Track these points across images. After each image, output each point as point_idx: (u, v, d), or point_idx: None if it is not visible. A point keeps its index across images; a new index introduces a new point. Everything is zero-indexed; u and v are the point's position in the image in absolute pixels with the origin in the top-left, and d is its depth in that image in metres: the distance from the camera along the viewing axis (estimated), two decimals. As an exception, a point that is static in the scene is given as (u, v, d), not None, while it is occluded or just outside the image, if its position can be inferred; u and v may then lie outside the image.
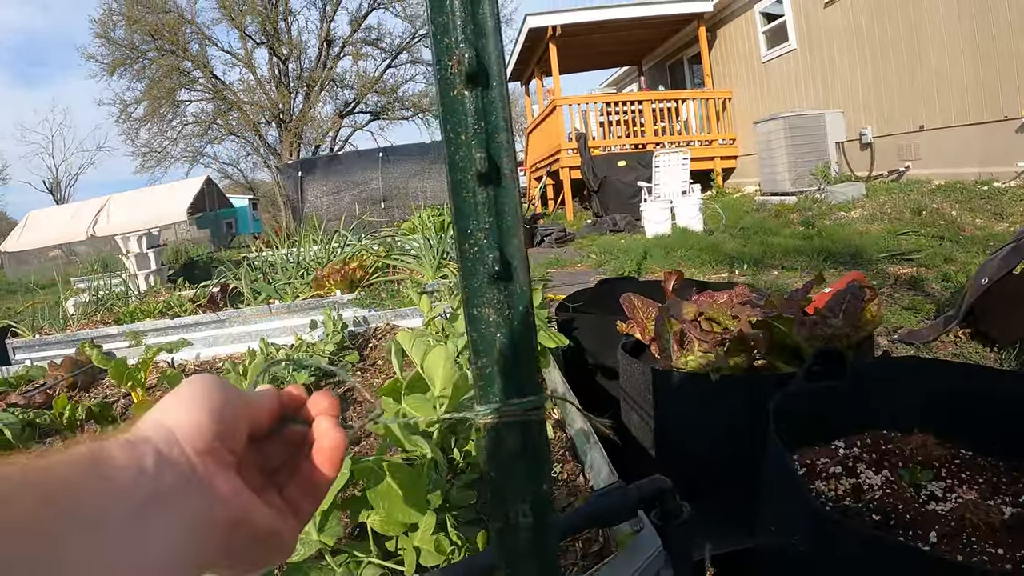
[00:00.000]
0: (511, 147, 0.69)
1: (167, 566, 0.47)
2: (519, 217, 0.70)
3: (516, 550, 0.76)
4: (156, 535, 0.46)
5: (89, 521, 0.42)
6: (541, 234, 12.67)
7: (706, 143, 16.75)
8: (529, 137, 22.45)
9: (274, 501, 0.61)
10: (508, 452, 0.72)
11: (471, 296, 0.69)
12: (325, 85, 35.78)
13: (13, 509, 0.39)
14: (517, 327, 0.69)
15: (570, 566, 1.41)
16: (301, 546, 1.30)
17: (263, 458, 0.64)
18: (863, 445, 1.72)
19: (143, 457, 0.49)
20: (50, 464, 0.44)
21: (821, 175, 12.44)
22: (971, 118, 10.22)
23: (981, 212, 8.11)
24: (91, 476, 0.45)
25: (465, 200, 0.67)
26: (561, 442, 2.01)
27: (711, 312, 2.14)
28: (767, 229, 9.66)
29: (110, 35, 32.82)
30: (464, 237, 0.68)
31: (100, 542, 0.43)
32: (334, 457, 0.66)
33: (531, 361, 0.71)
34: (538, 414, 0.72)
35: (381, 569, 1.38)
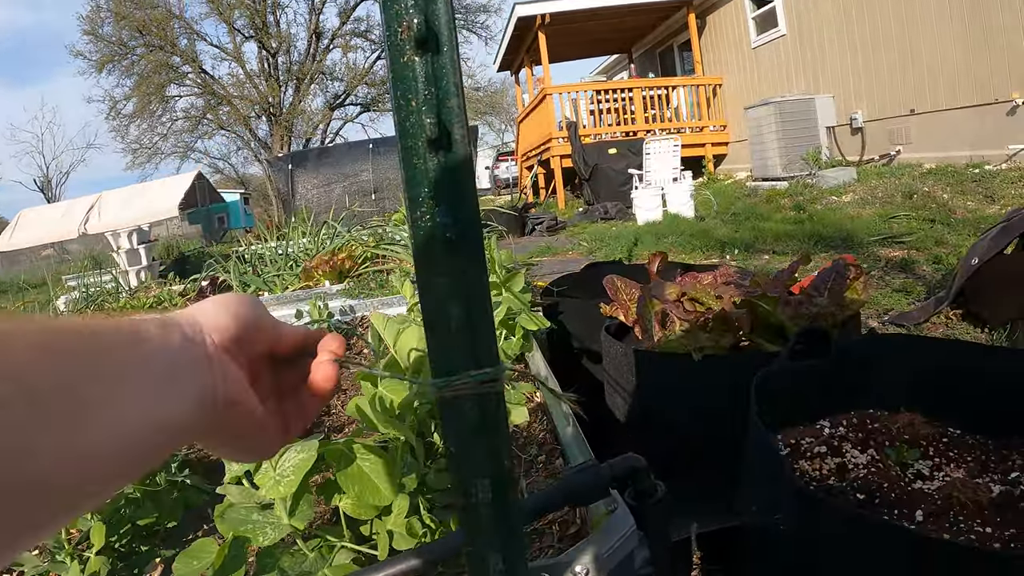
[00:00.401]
0: (463, 113, 0.66)
1: (168, 426, 0.54)
2: (473, 184, 0.67)
3: (479, 528, 0.74)
4: (166, 398, 0.54)
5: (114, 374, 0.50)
6: (532, 223, 12.65)
7: (697, 130, 16.72)
8: (520, 127, 22.40)
9: (271, 407, 0.70)
10: (465, 427, 0.70)
11: (423, 265, 0.66)
12: (315, 78, 35.72)
13: (62, 343, 0.47)
14: (471, 296, 0.67)
15: (546, 548, 1.39)
16: (272, 530, 1.28)
17: (275, 378, 0.74)
18: (849, 424, 1.69)
19: (171, 335, 0.58)
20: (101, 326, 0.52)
21: (812, 160, 12.42)
22: (962, 101, 10.21)
23: (972, 195, 8.11)
24: (127, 343, 0.52)
25: (416, 167, 0.64)
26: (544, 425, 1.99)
27: (694, 292, 2.12)
28: (758, 214, 9.66)
29: (98, 32, 32.67)
30: (415, 205, 0.65)
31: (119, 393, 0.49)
32: (324, 386, 0.75)
33: (488, 332, 0.68)
34: (495, 387, 0.69)
35: (354, 553, 1.35)
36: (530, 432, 2.01)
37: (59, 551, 1.67)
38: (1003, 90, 9.40)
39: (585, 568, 0.94)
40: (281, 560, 1.30)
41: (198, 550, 1.38)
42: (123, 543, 1.83)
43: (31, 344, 0.45)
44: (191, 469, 2.15)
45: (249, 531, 1.28)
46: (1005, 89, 9.36)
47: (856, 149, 12.57)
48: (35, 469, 0.42)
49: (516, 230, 12.00)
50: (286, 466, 1.25)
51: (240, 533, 1.28)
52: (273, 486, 1.24)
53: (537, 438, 1.94)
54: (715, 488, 1.72)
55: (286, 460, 1.26)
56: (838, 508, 1.29)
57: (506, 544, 0.75)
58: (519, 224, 12.32)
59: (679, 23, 18.51)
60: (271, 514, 1.31)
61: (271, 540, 1.27)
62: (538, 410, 2.10)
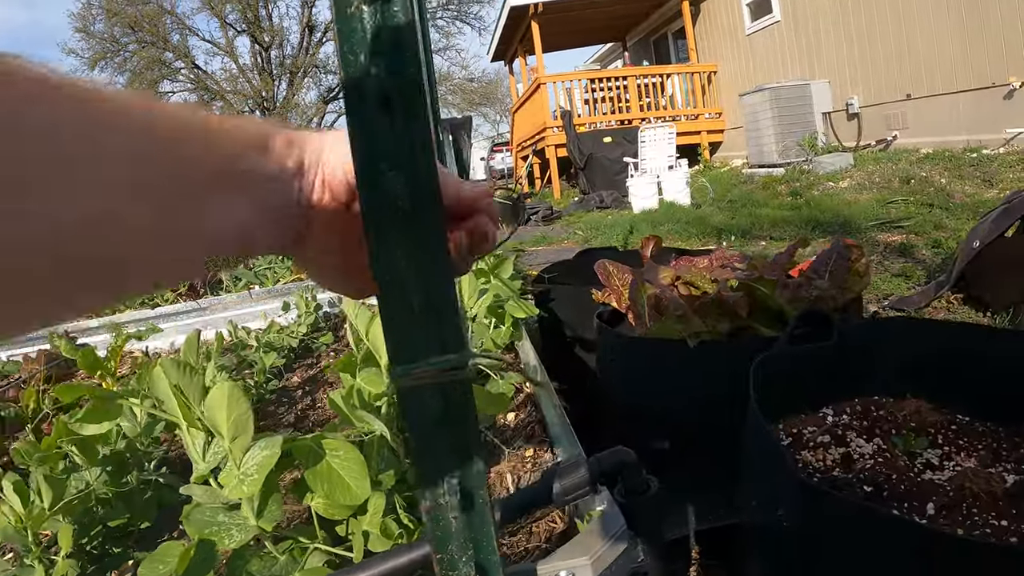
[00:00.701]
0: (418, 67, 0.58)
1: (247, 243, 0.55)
2: (432, 150, 0.59)
3: (447, 533, 0.66)
4: (258, 213, 0.55)
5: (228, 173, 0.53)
6: (528, 213, 12.62)
7: (692, 117, 16.66)
8: (514, 117, 22.36)
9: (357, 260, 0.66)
10: (428, 419, 0.62)
11: (377, 237, 0.58)
12: (308, 71, 35.73)
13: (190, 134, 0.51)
14: (432, 273, 0.59)
15: (533, 550, 1.32)
16: (238, 532, 1.20)
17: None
18: (853, 412, 1.62)
19: (287, 159, 0.59)
20: (236, 127, 0.55)
21: (808, 146, 12.36)
22: (958, 86, 10.14)
23: (970, 179, 8.05)
24: (249, 152, 0.55)
25: (364, 130, 0.56)
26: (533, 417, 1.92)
27: (689, 276, 2.04)
28: (755, 201, 9.62)
29: (90, 29, 32.58)
30: (366, 168, 0.57)
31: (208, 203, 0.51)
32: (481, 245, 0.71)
33: (452, 314, 0.60)
34: (460, 374, 0.61)
35: (328, 555, 1.28)
36: (518, 424, 1.94)
37: (27, 554, 1.61)
38: (1000, 74, 9.33)
39: (571, 572, 0.86)
40: (250, 564, 1.22)
41: (163, 553, 1.30)
42: (94, 545, 1.76)
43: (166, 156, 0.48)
44: (169, 467, 2.08)
45: (215, 533, 1.20)
46: (1002, 73, 9.28)
47: (853, 135, 12.50)
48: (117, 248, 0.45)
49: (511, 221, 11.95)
50: (249, 464, 1.18)
51: (205, 535, 1.20)
52: (237, 485, 1.16)
53: (525, 430, 1.86)
54: (713, 479, 1.66)
55: (249, 458, 1.19)
56: (844, 501, 1.22)
57: (479, 547, 0.68)
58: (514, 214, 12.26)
59: (673, 10, 18.39)
60: (238, 515, 1.23)
61: (238, 542, 1.19)
62: (527, 402, 2.03)
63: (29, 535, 1.61)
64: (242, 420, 1.19)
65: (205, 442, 1.39)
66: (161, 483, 1.88)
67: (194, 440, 1.40)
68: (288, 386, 3.07)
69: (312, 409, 2.70)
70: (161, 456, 2.14)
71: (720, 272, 2.06)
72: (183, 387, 1.38)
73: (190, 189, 0.50)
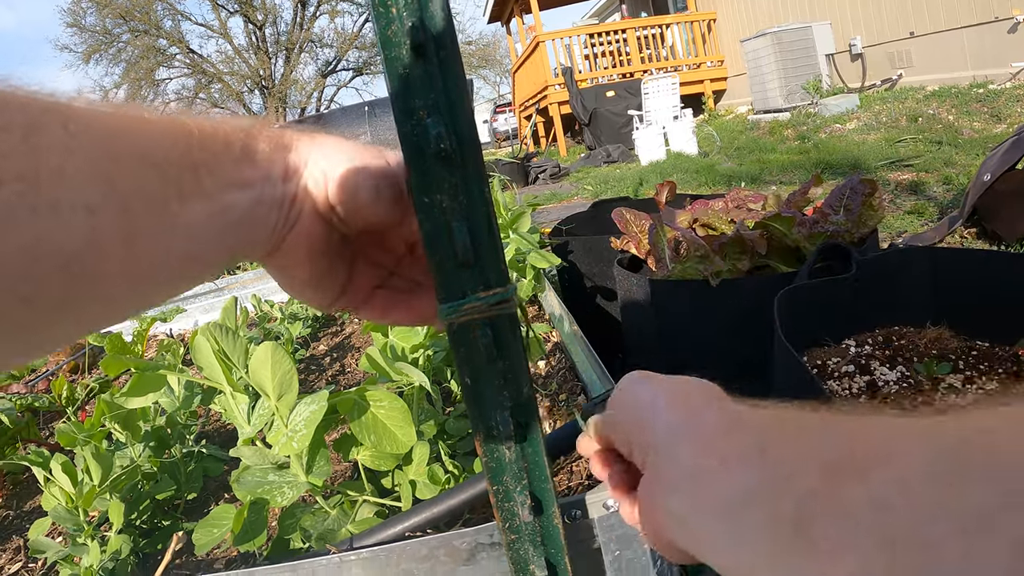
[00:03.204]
0: (448, 16, 0.60)
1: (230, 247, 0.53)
2: (466, 93, 0.61)
3: (502, 463, 0.70)
4: (232, 230, 0.53)
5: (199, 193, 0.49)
6: (535, 172, 12.57)
7: (694, 67, 16.50)
8: (515, 77, 22.20)
9: (342, 273, 0.66)
10: (479, 353, 0.65)
11: (419, 183, 0.61)
12: (304, 47, 35.43)
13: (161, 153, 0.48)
14: (474, 212, 0.62)
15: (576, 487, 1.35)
16: (289, 489, 1.24)
17: (377, 253, 0.69)
18: (875, 341, 1.65)
19: (273, 165, 0.56)
20: (208, 137, 0.52)
21: (813, 89, 12.25)
22: (962, 21, 10.01)
23: (978, 115, 7.99)
24: (230, 158, 0.53)
25: (402, 77, 0.59)
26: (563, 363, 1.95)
27: (706, 218, 2.06)
28: (762, 147, 9.58)
29: (81, 23, 32.30)
30: (406, 118, 0.60)
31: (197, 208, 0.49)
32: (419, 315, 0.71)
33: (495, 250, 0.63)
34: (507, 308, 0.64)
35: (377, 507, 1.32)
36: (549, 371, 1.97)
37: (79, 534, 1.65)
38: (1003, 7, 9.20)
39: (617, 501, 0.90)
40: (302, 520, 1.26)
41: (216, 517, 1.35)
42: (143, 519, 1.80)
43: (134, 151, 0.46)
44: (208, 440, 2.13)
45: (266, 492, 1.24)
46: (1005, 6, 9.16)
47: (857, 75, 12.38)
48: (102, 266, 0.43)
49: (519, 180, 11.94)
50: (297, 420, 1.21)
51: (257, 495, 1.24)
52: (286, 443, 1.20)
53: (557, 376, 1.90)
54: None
55: (297, 415, 1.22)
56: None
57: (532, 477, 0.71)
58: (522, 174, 12.25)
59: (669, -41, 18.23)
60: (288, 473, 1.27)
61: (289, 500, 1.23)
62: (555, 350, 2.06)
63: (80, 514, 1.64)
64: (287, 378, 1.23)
65: (249, 406, 1.43)
66: (205, 454, 1.92)
67: (238, 404, 1.43)
68: (315, 355, 3.11)
69: (342, 375, 2.73)
70: (199, 432, 2.19)
71: (736, 213, 2.07)
72: (226, 350, 1.42)
73: (163, 203, 0.47)
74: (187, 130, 0.51)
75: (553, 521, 0.73)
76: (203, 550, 1.32)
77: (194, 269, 0.52)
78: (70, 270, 0.41)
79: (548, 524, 0.73)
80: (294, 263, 0.61)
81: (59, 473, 1.63)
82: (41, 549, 1.67)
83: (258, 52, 34.77)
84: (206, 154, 0.51)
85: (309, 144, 0.60)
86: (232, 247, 0.54)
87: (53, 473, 1.65)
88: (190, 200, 0.49)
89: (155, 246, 0.47)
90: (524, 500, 0.71)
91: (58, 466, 1.63)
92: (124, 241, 0.44)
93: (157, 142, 0.48)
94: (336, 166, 0.59)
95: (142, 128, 0.48)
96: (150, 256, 0.47)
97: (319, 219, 0.60)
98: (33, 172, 0.39)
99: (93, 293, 0.44)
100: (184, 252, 0.49)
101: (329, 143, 0.61)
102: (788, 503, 0.39)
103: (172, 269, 0.50)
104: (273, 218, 0.57)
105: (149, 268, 0.47)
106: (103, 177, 0.43)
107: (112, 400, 1.72)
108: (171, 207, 0.47)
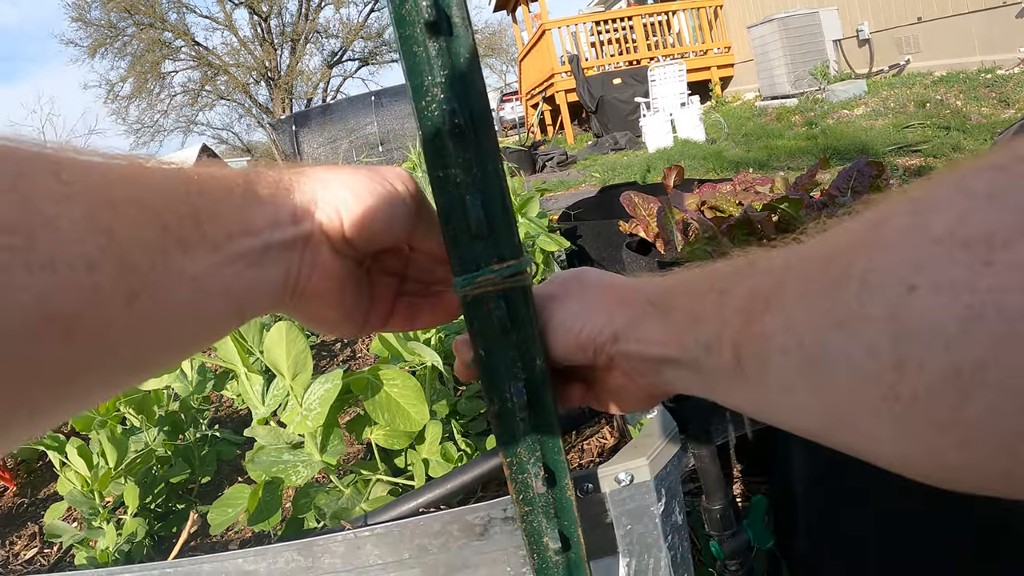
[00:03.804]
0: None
1: (241, 302, 0.52)
2: (479, 70, 0.62)
3: (515, 435, 0.71)
4: (244, 278, 0.51)
5: (202, 244, 0.47)
6: (543, 160, 12.59)
7: (701, 53, 16.48)
8: (521, 65, 22.19)
9: (364, 302, 0.67)
10: (492, 325, 0.66)
11: (434, 158, 0.62)
12: (309, 37, 35.40)
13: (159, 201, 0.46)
14: (488, 186, 0.63)
15: (587, 464, 1.37)
16: (304, 468, 1.25)
17: (395, 275, 0.72)
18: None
19: (279, 209, 0.55)
20: (209, 185, 0.50)
21: (820, 75, 12.22)
22: (970, 6, 9.96)
23: (986, 100, 7.97)
24: (232, 204, 0.51)
25: (416, 55, 0.60)
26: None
27: (715, 201, 2.06)
28: (770, 133, 9.57)
29: (86, 17, 32.30)
30: (420, 95, 0.61)
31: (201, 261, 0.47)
32: (441, 317, 0.74)
33: (508, 224, 0.64)
34: (520, 280, 0.65)
35: (390, 486, 1.33)
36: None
37: (95, 517, 1.66)
38: (1010, -9, 9.18)
39: (629, 475, 0.91)
40: (316, 499, 1.28)
41: (231, 497, 1.36)
42: (158, 503, 1.82)
43: (132, 198, 0.43)
44: (221, 425, 2.14)
45: (281, 471, 1.25)
46: (1012, -11, 9.14)
47: (865, 61, 12.34)
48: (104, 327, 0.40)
49: (527, 168, 11.94)
50: (312, 399, 1.23)
51: (272, 474, 1.25)
52: (300, 422, 1.21)
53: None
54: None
55: (311, 394, 1.24)
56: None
57: (545, 448, 0.72)
58: (529, 162, 12.26)
59: (675, -55, 18.15)
60: (302, 452, 1.28)
61: (304, 478, 1.24)
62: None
63: (96, 497, 1.66)
64: (301, 357, 1.24)
65: (263, 386, 1.44)
66: (218, 438, 1.94)
67: (252, 385, 1.45)
68: (326, 340, 3.12)
69: (353, 360, 2.74)
70: (211, 417, 2.20)
71: (744, 195, 2.08)
72: (241, 330, 1.43)
73: (164, 254, 0.44)
74: (185, 177, 0.49)
75: (566, 493, 0.74)
76: (218, 530, 1.34)
77: (202, 327, 0.50)
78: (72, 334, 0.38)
79: (561, 496, 0.74)
80: (325, 305, 0.61)
81: (74, 457, 1.64)
82: (57, 533, 1.69)
83: (263, 43, 34.75)
84: (206, 200, 0.49)
85: (312, 183, 0.59)
86: (242, 298, 0.52)
87: (68, 457, 1.66)
88: (193, 250, 0.46)
89: (159, 303, 0.44)
90: (537, 472, 0.72)
91: (73, 450, 1.65)
92: (127, 300, 0.41)
93: (154, 189, 0.46)
94: (346, 201, 0.59)
95: (138, 175, 0.46)
96: (155, 315, 0.44)
97: (337, 256, 0.60)
98: (26, 224, 0.36)
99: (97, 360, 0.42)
100: (191, 309, 0.47)
101: (332, 180, 0.60)
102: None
103: (179, 329, 0.48)
104: (284, 264, 0.55)
105: (154, 329, 0.45)
106: (101, 228, 0.40)
107: (126, 383, 1.73)
108: (173, 258, 0.45)
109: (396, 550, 0.95)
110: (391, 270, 0.71)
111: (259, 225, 0.52)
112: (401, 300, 0.72)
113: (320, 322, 0.64)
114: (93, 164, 0.43)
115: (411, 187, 0.65)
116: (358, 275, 0.65)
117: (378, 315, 0.69)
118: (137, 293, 0.42)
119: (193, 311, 0.48)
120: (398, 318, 0.71)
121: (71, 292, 0.38)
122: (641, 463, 0.91)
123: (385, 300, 0.70)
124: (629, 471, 0.90)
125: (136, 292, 0.42)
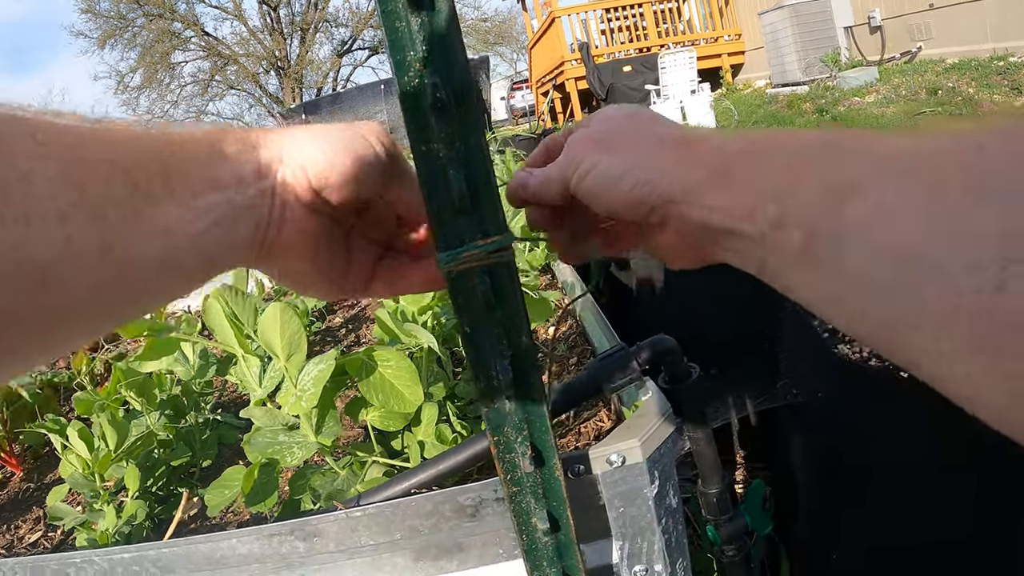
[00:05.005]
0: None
1: (212, 256, 0.53)
2: (461, 45, 0.62)
3: (501, 412, 0.70)
4: (214, 232, 0.52)
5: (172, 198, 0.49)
6: (552, 148, 12.55)
7: (711, 41, 16.39)
8: (531, 53, 22.12)
9: (340, 260, 0.67)
10: (477, 301, 0.65)
11: (416, 132, 0.61)
12: (319, 26, 35.36)
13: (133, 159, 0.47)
14: (471, 160, 0.62)
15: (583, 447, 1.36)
16: (299, 449, 1.25)
17: (370, 231, 0.70)
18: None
19: (243, 165, 0.55)
20: (181, 141, 0.52)
21: (831, 62, 12.14)
22: (982, -9, 9.90)
23: (998, 88, 7.92)
24: (199, 162, 0.52)
25: (398, 30, 0.59)
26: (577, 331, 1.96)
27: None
28: (780, 120, 9.55)
29: (95, 8, 32.30)
30: (402, 70, 0.60)
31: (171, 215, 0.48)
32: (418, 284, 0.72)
33: (492, 199, 0.64)
34: (504, 256, 0.64)
35: (386, 467, 1.33)
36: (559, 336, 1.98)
37: (96, 499, 1.67)
38: (1025, -23, 9.10)
39: (621, 456, 0.90)
40: (312, 480, 1.28)
41: (228, 479, 1.36)
42: (159, 486, 1.82)
43: (103, 157, 0.45)
44: (224, 410, 2.14)
45: (276, 452, 1.25)
46: (1027, -24, 9.06)
47: (876, 48, 12.25)
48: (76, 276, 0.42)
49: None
50: (306, 380, 1.22)
51: (268, 456, 1.25)
52: (295, 403, 1.21)
53: (567, 341, 1.91)
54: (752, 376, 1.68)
55: (305, 375, 1.23)
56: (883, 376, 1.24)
57: (533, 428, 0.71)
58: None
59: (686, -68, 18.05)
60: (298, 433, 1.28)
61: (299, 459, 1.24)
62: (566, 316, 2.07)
63: (97, 480, 1.66)
64: (295, 338, 1.24)
65: (261, 369, 1.44)
66: (220, 422, 1.94)
67: (250, 367, 1.45)
68: (331, 327, 3.13)
69: (357, 345, 2.75)
70: (214, 402, 2.21)
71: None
72: (236, 311, 1.43)
73: (134, 208, 0.46)
74: (165, 139, 0.51)
75: (555, 473, 0.74)
76: (215, 511, 1.34)
77: (173, 279, 0.52)
78: (47, 284, 0.41)
79: (550, 476, 0.74)
80: (294, 258, 0.62)
81: (75, 439, 1.65)
82: (59, 516, 1.69)
83: (273, 33, 34.74)
84: (176, 159, 0.50)
85: (279, 139, 0.59)
86: (211, 252, 0.53)
87: (70, 440, 1.67)
88: (161, 204, 0.48)
89: (131, 254, 0.46)
90: (525, 451, 0.71)
91: (74, 432, 1.65)
92: (100, 250, 0.43)
93: (128, 149, 0.48)
94: (311, 153, 0.59)
95: (111, 136, 0.48)
96: (126, 266, 0.46)
97: (306, 209, 0.60)
98: (1, 179, 0.39)
99: (72, 309, 0.44)
100: (161, 260, 0.49)
101: (300, 134, 0.61)
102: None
103: (150, 280, 0.49)
104: (253, 218, 0.56)
105: (126, 279, 0.47)
106: (74, 184, 0.42)
107: (127, 367, 1.74)
108: (143, 212, 0.46)
109: (388, 531, 0.95)
110: (373, 238, 0.71)
111: (224, 181, 0.53)
112: (382, 264, 0.71)
113: (294, 278, 0.65)
114: (69, 127, 0.45)
115: (385, 141, 0.64)
116: (334, 233, 0.65)
117: (358, 277, 0.69)
118: (111, 246, 0.44)
119: (165, 264, 0.49)
120: (379, 283, 0.71)
121: (44, 243, 0.40)
122: (633, 444, 0.90)
123: (365, 264, 0.70)
124: (621, 452, 0.90)
125: (110, 245, 0.44)
